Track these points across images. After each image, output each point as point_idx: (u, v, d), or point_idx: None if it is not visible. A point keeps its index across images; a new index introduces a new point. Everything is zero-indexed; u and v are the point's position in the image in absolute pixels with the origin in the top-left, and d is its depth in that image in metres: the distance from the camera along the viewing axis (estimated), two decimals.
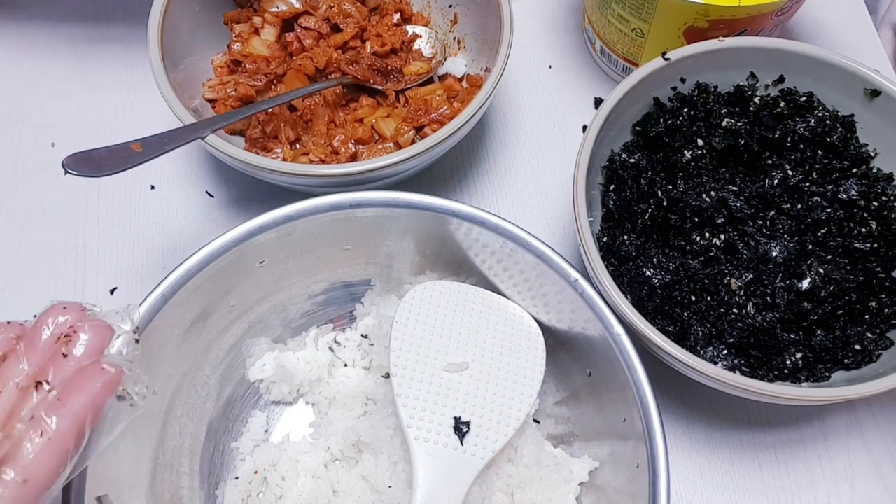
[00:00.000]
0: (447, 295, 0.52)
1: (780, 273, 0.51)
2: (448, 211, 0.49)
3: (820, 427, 0.56)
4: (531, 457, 0.49)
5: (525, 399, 0.49)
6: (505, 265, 0.51)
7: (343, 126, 0.62)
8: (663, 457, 0.42)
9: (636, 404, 0.44)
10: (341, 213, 0.49)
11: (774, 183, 0.54)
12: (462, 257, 0.52)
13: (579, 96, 0.71)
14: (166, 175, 0.65)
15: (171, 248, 0.62)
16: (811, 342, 0.50)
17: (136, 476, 0.46)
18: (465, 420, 0.47)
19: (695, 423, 0.56)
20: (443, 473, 0.46)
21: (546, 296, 0.50)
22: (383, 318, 0.54)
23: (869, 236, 0.53)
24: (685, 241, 0.53)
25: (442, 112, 0.62)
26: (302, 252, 0.51)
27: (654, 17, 0.60)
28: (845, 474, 0.55)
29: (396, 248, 0.53)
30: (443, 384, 0.49)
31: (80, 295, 0.60)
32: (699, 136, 0.56)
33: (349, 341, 0.56)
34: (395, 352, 0.49)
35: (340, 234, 0.51)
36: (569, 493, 0.49)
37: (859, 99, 0.55)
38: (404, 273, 0.56)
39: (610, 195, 0.56)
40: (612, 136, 0.56)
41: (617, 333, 0.46)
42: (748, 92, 0.58)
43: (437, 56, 0.67)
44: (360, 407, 0.53)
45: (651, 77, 0.55)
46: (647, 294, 0.52)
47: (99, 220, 0.63)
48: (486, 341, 0.51)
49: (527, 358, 0.51)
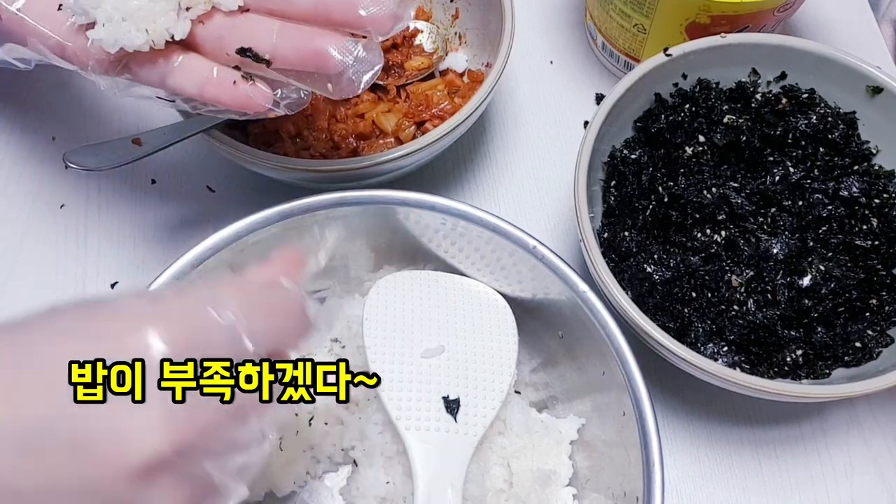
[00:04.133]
0: (410, 284, 0.52)
1: (781, 270, 0.51)
2: (395, 201, 0.49)
3: (820, 424, 0.56)
4: (520, 426, 0.50)
5: (505, 370, 0.50)
6: (459, 245, 0.51)
7: (344, 121, 0.62)
8: (647, 399, 0.43)
9: (612, 356, 0.45)
10: (290, 222, 0.49)
11: (776, 180, 0.54)
12: (416, 246, 0.53)
13: (580, 92, 0.71)
14: (167, 169, 0.65)
15: (171, 243, 0.62)
16: (812, 339, 0.50)
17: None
18: (454, 398, 0.48)
19: (694, 420, 0.56)
20: (440, 457, 0.46)
21: (504, 268, 0.51)
22: (350, 318, 0.54)
23: (870, 233, 0.53)
24: (686, 237, 0.53)
25: (443, 107, 0.62)
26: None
27: (655, 13, 0.60)
28: (845, 471, 0.55)
29: (349, 248, 0.53)
30: (423, 371, 0.49)
31: (80, 288, 0.60)
32: (700, 133, 0.56)
33: (319, 348, 0.55)
34: (371, 348, 0.49)
35: (293, 243, 0.51)
36: (561, 453, 0.50)
37: (861, 96, 0.55)
38: (361, 271, 0.55)
39: (611, 191, 0.56)
40: (613, 131, 0.56)
41: (582, 291, 0.46)
42: (750, 88, 0.58)
43: (438, 51, 0.67)
44: (342, 410, 0.53)
45: (653, 73, 0.55)
46: (647, 290, 0.52)
47: (100, 214, 0.63)
48: (456, 322, 0.51)
49: (499, 331, 0.51)
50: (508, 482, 0.50)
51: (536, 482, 0.48)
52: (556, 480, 0.49)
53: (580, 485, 0.50)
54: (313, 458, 0.53)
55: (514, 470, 0.49)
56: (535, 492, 0.48)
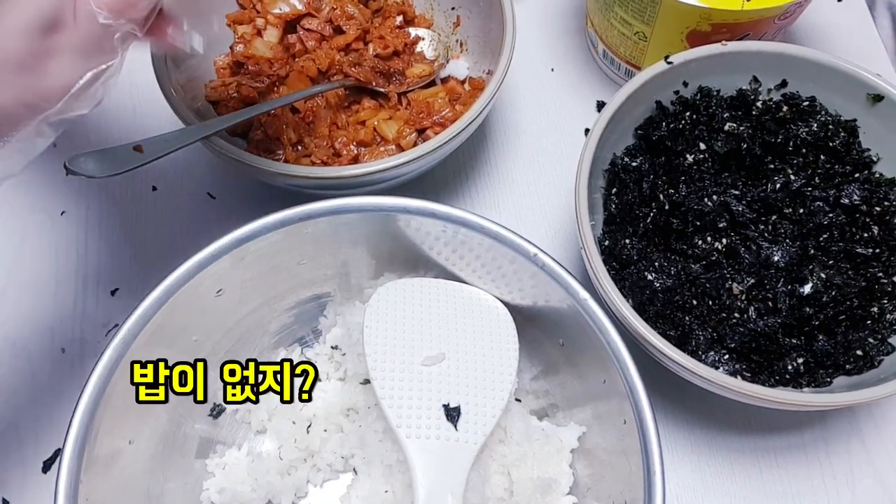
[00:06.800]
0: (411, 292, 0.52)
1: (782, 278, 0.51)
2: (396, 208, 0.49)
3: (821, 432, 0.56)
4: (521, 434, 0.50)
5: (505, 378, 0.49)
6: (460, 253, 0.51)
7: (345, 128, 0.62)
8: (648, 408, 0.43)
9: (613, 364, 0.45)
10: (292, 229, 0.49)
11: (776, 187, 0.54)
12: (417, 253, 0.53)
13: (581, 99, 0.71)
14: (168, 176, 0.65)
15: (172, 249, 0.62)
16: (813, 347, 0.50)
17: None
18: (454, 406, 0.48)
19: (695, 428, 0.56)
20: (440, 465, 0.46)
21: (505, 276, 0.51)
22: (351, 325, 0.54)
23: (871, 241, 0.53)
24: (687, 245, 0.53)
25: (444, 115, 0.62)
26: (258, 274, 0.51)
27: (656, 21, 0.60)
28: (846, 480, 0.55)
29: (350, 255, 0.53)
30: (423, 378, 0.49)
31: (80, 295, 0.60)
32: (701, 140, 0.56)
33: (319, 356, 0.56)
34: (371, 356, 0.49)
35: (294, 250, 0.51)
36: (562, 461, 0.50)
37: (862, 104, 0.55)
38: (363, 278, 0.56)
39: (612, 199, 0.56)
40: (614, 139, 0.56)
41: (583, 299, 0.46)
42: (750, 96, 0.58)
43: (439, 58, 0.67)
44: (342, 418, 0.53)
45: (653, 80, 0.55)
46: (648, 298, 0.52)
47: (100, 221, 0.63)
48: (457, 330, 0.51)
49: (499, 338, 0.51)
50: (509, 490, 0.49)
51: (537, 490, 0.48)
52: (556, 489, 0.49)
53: (581, 493, 0.50)
54: (314, 467, 0.52)
55: (515, 478, 0.49)
56: (535, 500, 0.48)
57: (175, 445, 0.50)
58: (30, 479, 0.54)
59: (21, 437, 0.55)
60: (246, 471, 0.51)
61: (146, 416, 0.47)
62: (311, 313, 0.57)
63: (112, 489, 0.44)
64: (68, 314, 0.60)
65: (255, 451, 0.53)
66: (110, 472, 0.44)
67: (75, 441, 0.41)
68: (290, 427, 0.52)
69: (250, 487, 0.50)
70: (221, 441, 0.53)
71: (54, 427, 0.55)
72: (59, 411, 0.56)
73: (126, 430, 0.46)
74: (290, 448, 0.51)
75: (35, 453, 0.54)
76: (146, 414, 0.46)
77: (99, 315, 0.60)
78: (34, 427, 0.55)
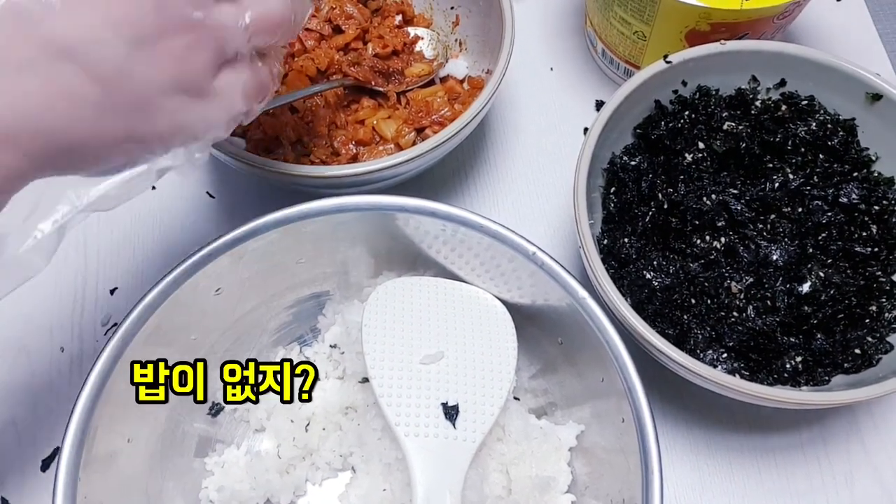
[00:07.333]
0: (410, 290, 0.52)
1: (781, 276, 0.51)
2: (395, 207, 0.49)
3: (819, 431, 0.56)
4: (519, 432, 0.50)
5: (504, 376, 0.50)
6: (459, 252, 0.51)
7: (344, 127, 0.62)
8: (646, 406, 0.43)
9: (612, 362, 0.45)
10: (291, 228, 0.49)
11: (775, 186, 0.54)
12: (415, 252, 0.53)
13: (580, 98, 0.71)
14: (167, 175, 0.65)
15: (171, 249, 0.62)
16: (811, 346, 0.50)
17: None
18: (453, 404, 0.48)
19: (694, 427, 0.56)
20: (439, 463, 0.46)
21: (504, 274, 0.51)
22: (349, 324, 0.54)
23: (869, 240, 0.53)
24: (686, 243, 0.53)
25: (443, 114, 0.62)
26: (257, 273, 0.51)
27: (655, 20, 0.60)
28: (845, 479, 0.55)
29: (349, 254, 0.53)
30: (422, 377, 0.49)
31: (80, 295, 0.60)
32: (700, 139, 0.56)
33: (318, 354, 0.56)
34: (370, 354, 0.49)
35: (292, 249, 0.51)
36: (560, 460, 0.50)
37: (860, 103, 0.55)
38: (361, 277, 0.56)
39: (611, 198, 0.56)
40: (613, 138, 0.56)
41: (582, 297, 0.46)
42: (749, 95, 0.58)
43: (438, 58, 0.67)
44: (340, 416, 0.53)
45: (652, 80, 0.55)
46: (647, 297, 0.52)
47: (99, 221, 0.63)
48: (455, 328, 0.51)
49: (498, 337, 0.51)
50: (507, 489, 0.49)
51: (535, 489, 0.48)
52: (554, 487, 0.49)
53: (579, 492, 0.50)
54: (312, 465, 0.53)
55: (513, 476, 0.49)
56: (533, 498, 0.48)
57: (174, 444, 0.50)
58: (28, 478, 0.54)
59: (20, 435, 0.55)
60: (245, 469, 0.51)
61: (145, 415, 0.47)
62: (310, 312, 0.57)
63: (111, 488, 0.44)
64: (67, 313, 0.60)
65: (254, 450, 0.53)
66: (109, 471, 0.44)
67: (74, 439, 0.41)
68: (288, 426, 0.52)
69: (249, 486, 0.50)
70: (220, 440, 0.53)
71: (53, 425, 0.55)
72: (57, 410, 0.56)
73: (125, 428, 0.46)
74: (288, 446, 0.52)
75: (34, 452, 0.54)
76: (145, 413, 0.46)
77: (98, 314, 0.60)
78: (33, 425, 0.56)
